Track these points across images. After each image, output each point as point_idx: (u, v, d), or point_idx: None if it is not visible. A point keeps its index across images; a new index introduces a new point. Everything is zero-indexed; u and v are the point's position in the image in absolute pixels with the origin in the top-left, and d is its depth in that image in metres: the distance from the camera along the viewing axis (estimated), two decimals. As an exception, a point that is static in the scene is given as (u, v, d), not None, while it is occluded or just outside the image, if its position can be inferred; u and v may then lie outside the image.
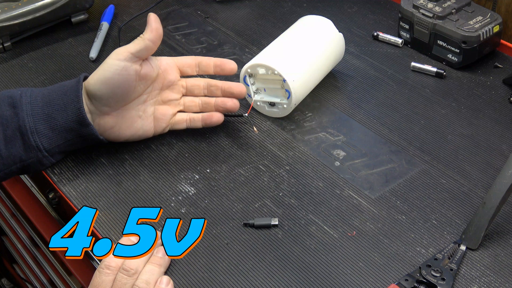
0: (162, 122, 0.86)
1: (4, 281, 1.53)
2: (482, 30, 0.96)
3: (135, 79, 0.80)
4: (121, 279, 0.68)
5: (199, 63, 0.87)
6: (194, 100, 0.87)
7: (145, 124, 0.84)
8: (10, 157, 0.79)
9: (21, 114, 0.78)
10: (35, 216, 1.04)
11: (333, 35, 0.95)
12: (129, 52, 0.79)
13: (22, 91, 0.81)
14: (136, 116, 0.83)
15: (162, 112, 0.85)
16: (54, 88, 0.82)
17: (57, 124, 0.79)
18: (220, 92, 0.87)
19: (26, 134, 0.78)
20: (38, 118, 0.79)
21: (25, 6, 1.05)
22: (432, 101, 0.94)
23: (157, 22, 0.81)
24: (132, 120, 0.83)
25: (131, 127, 0.83)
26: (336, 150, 0.86)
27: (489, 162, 0.84)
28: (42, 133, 0.79)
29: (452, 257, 0.71)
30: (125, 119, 0.82)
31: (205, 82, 0.87)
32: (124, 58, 0.79)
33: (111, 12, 1.14)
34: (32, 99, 0.80)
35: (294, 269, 0.71)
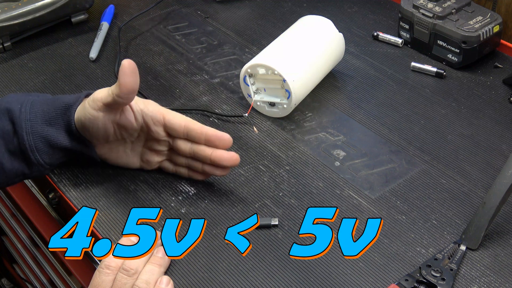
0: (147, 166, 0.83)
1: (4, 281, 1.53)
2: (482, 30, 0.96)
3: (111, 127, 0.76)
4: (121, 279, 0.68)
5: (188, 131, 0.77)
6: (180, 157, 0.80)
7: (131, 161, 0.82)
8: (13, 171, 0.78)
9: (21, 132, 0.76)
10: (35, 216, 1.04)
11: (333, 35, 0.95)
12: (102, 102, 0.73)
13: (22, 104, 0.78)
14: (123, 152, 0.81)
15: (148, 157, 0.81)
16: (54, 104, 0.78)
17: (58, 143, 0.78)
18: (209, 161, 0.78)
19: (26, 151, 0.77)
20: (37, 136, 0.77)
21: (25, 6, 1.05)
22: (432, 101, 0.94)
23: (127, 75, 0.71)
24: (118, 154, 0.81)
25: (117, 159, 0.82)
26: (336, 150, 0.86)
27: (489, 162, 0.84)
28: (43, 151, 0.77)
29: (452, 257, 0.71)
30: (111, 151, 0.81)
31: (191, 148, 0.78)
32: (98, 108, 0.74)
33: (111, 12, 1.14)
34: (32, 115, 0.77)
35: (294, 269, 0.71)
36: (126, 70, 0.71)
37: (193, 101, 0.95)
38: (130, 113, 0.77)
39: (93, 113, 0.74)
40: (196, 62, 1.03)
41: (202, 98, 0.95)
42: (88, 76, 1.00)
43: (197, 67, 1.02)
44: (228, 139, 0.77)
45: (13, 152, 0.77)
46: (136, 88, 0.72)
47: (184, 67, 1.02)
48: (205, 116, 0.93)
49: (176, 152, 0.80)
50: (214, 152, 0.77)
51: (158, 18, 1.15)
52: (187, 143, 0.78)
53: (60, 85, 0.99)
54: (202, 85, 0.98)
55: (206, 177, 0.81)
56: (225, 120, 0.92)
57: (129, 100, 0.73)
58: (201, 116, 0.92)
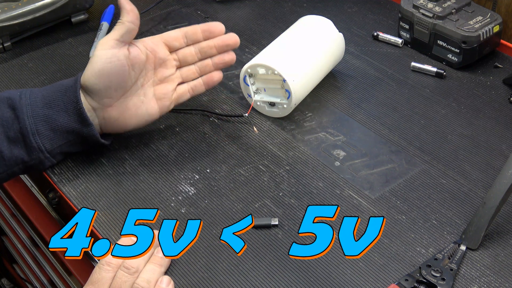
0: (165, 101, 0.85)
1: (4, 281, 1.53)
2: (482, 30, 0.96)
3: (126, 64, 0.80)
4: (121, 277, 0.68)
5: (185, 34, 0.85)
6: (190, 68, 0.87)
7: (149, 107, 0.84)
8: (13, 158, 0.79)
9: (21, 116, 0.78)
10: (35, 216, 1.04)
11: (333, 35, 0.95)
12: (113, 39, 0.80)
13: (21, 92, 0.80)
14: (139, 102, 0.83)
15: (162, 91, 0.85)
16: (53, 88, 0.81)
17: (58, 125, 0.79)
18: (215, 50, 0.85)
19: (27, 135, 0.78)
20: (38, 120, 0.79)
21: (25, 6, 1.05)
22: (432, 101, 0.94)
23: (129, 4, 0.81)
24: (135, 107, 0.83)
25: (136, 114, 0.83)
26: (336, 150, 0.86)
27: (489, 162, 0.84)
28: (44, 134, 0.79)
29: (452, 257, 0.71)
30: (128, 107, 0.82)
31: (196, 46, 0.86)
32: (110, 46, 0.79)
33: (111, 12, 1.13)
34: (32, 100, 0.79)
35: (294, 269, 0.71)
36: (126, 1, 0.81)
37: (193, 101, 0.95)
38: (135, 47, 0.82)
39: (108, 52, 0.79)
40: (196, 62, 1.03)
41: (202, 98, 0.95)
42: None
43: (197, 67, 1.02)
44: (220, 25, 0.85)
45: (12, 138, 0.78)
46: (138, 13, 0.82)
47: (184, 67, 1.02)
48: (205, 116, 0.93)
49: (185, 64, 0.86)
50: (215, 39, 0.85)
51: (158, 18, 1.15)
52: (190, 47, 0.86)
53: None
54: (202, 85, 0.98)
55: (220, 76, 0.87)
56: (225, 120, 0.92)
57: (137, 25, 0.81)
58: (201, 116, 0.92)
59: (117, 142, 0.87)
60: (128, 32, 0.80)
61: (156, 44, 0.85)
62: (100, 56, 0.79)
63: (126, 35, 0.80)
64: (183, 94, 0.87)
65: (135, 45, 0.82)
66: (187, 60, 0.86)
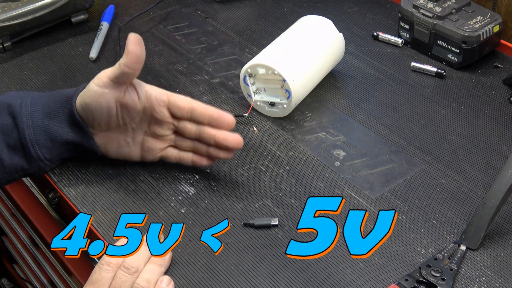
0: (149, 155, 0.82)
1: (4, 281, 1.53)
2: (482, 30, 0.96)
3: (115, 107, 0.76)
4: (121, 277, 0.68)
5: (192, 110, 0.78)
6: (186, 141, 0.81)
7: (132, 151, 0.81)
8: (13, 166, 0.78)
9: (21, 126, 0.77)
10: (35, 216, 1.04)
11: (333, 35, 0.95)
12: (108, 78, 0.74)
13: (22, 99, 0.79)
14: (123, 141, 0.80)
15: (150, 145, 0.81)
16: (54, 97, 0.79)
17: (58, 136, 0.78)
18: (213, 142, 0.78)
19: (27, 145, 0.77)
20: (38, 130, 0.77)
21: (25, 6, 1.05)
22: (432, 101, 0.94)
23: (134, 44, 0.73)
24: (118, 144, 0.80)
25: (117, 150, 0.81)
26: (336, 150, 0.86)
27: (489, 162, 0.84)
28: (43, 145, 0.78)
29: (452, 257, 0.71)
30: (111, 140, 0.80)
31: (197, 129, 0.79)
32: (103, 84, 0.74)
33: (111, 12, 1.14)
34: (32, 109, 0.78)
35: (294, 269, 0.71)
36: (133, 40, 0.73)
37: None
38: (134, 93, 0.77)
39: (98, 90, 0.74)
40: (196, 62, 1.03)
41: (202, 98, 0.95)
42: (88, 76, 1.00)
43: (197, 67, 1.02)
44: (231, 119, 0.77)
45: (13, 147, 0.77)
46: (143, 58, 0.73)
47: (184, 67, 1.02)
48: (205, 116, 0.92)
49: (181, 136, 0.80)
50: (218, 132, 0.78)
51: (158, 18, 1.15)
52: (192, 124, 0.79)
53: (60, 85, 0.99)
54: (202, 85, 0.98)
55: (211, 162, 0.81)
56: (225, 120, 0.92)
57: (136, 71, 0.74)
58: (201, 116, 0.92)
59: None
60: (123, 76, 0.74)
61: (159, 102, 0.78)
62: (90, 90, 0.75)
63: (120, 78, 0.74)
64: (170, 157, 0.82)
65: (135, 91, 0.77)
66: (183, 133, 0.80)
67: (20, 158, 0.78)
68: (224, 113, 0.78)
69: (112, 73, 0.74)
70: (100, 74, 0.75)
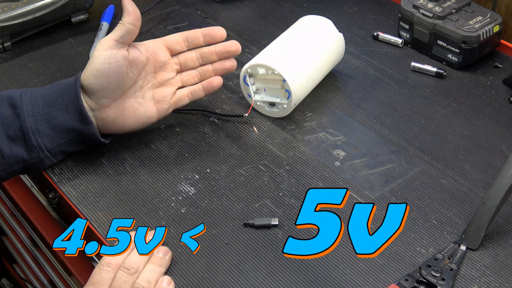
0: (163, 104, 0.85)
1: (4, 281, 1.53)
2: (482, 30, 0.96)
3: (125, 65, 0.80)
4: (121, 277, 0.68)
5: (187, 38, 0.86)
6: (191, 73, 0.87)
7: (147, 109, 0.84)
8: (13, 157, 0.79)
9: (22, 115, 0.78)
10: (35, 216, 1.04)
11: (333, 35, 0.95)
12: (113, 39, 0.80)
13: (22, 91, 0.81)
14: (137, 104, 0.83)
15: (161, 94, 0.85)
16: (54, 87, 0.82)
17: (58, 124, 0.79)
18: (216, 56, 0.86)
19: (28, 134, 0.78)
20: (39, 118, 0.79)
21: (25, 6, 1.05)
22: (432, 101, 0.94)
23: (132, 5, 0.80)
24: (133, 108, 0.83)
25: (134, 115, 0.83)
26: (336, 150, 0.86)
27: (489, 162, 0.84)
28: (44, 133, 0.79)
29: (452, 257, 0.71)
30: (126, 108, 0.83)
31: (198, 51, 0.86)
32: (109, 47, 0.80)
33: (111, 12, 1.14)
34: (32, 99, 0.80)
35: (294, 269, 0.71)
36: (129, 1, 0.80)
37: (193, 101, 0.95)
38: (135, 48, 0.82)
39: (107, 53, 0.79)
40: (196, 62, 1.03)
41: (202, 98, 0.95)
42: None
43: (197, 67, 1.02)
44: (221, 29, 0.85)
45: (13, 137, 0.78)
46: (140, 15, 0.81)
47: (184, 67, 1.02)
48: (205, 116, 0.93)
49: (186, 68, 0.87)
50: (217, 45, 0.86)
51: (158, 18, 1.15)
52: (191, 52, 0.86)
53: (57, 84, 0.99)
54: (202, 85, 0.98)
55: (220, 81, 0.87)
56: (225, 120, 0.92)
57: (138, 28, 0.81)
58: (201, 116, 0.92)
59: (117, 142, 0.87)
60: (128, 34, 0.80)
61: (158, 47, 0.85)
62: (99, 56, 0.79)
63: (125, 36, 0.80)
64: (182, 98, 0.87)
65: (135, 47, 0.83)
66: (188, 65, 0.87)
67: (20, 148, 0.79)
68: (213, 27, 0.86)
69: (116, 35, 0.80)
70: (103, 41, 0.80)
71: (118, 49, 0.80)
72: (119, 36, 0.80)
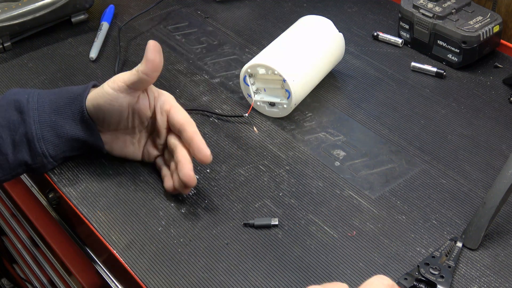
0: (147, 158, 0.83)
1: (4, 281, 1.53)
2: (482, 30, 0.96)
3: (127, 111, 0.78)
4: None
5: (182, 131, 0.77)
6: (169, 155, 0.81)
7: (136, 151, 0.83)
8: (16, 161, 0.78)
9: (28, 121, 0.78)
10: (35, 216, 1.04)
11: (333, 35, 0.95)
12: (124, 83, 0.76)
13: (29, 95, 0.80)
14: (129, 143, 0.82)
15: (149, 150, 0.82)
16: (61, 93, 0.80)
17: (64, 132, 0.79)
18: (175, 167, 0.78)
19: (33, 141, 0.78)
20: (45, 126, 0.78)
21: (25, 6, 1.05)
22: (432, 101, 0.94)
23: (154, 52, 0.74)
24: (124, 144, 0.82)
25: (122, 149, 0.82)
26: (336, 150, 0.86)
27: (489, 162, 0.84)
28: (49, 140, 0.78)
29: (449, 255, 0.71)
30: (118, 141, 0.81)
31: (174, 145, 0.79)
32: (118, 89, 0.76)
33: (111, 12, 1.14)
34: (39, 105, 0.79)
35: (294, 269, 0.71)
36: (152, 48, 0.74)
37: (193, 101, 0.95)
38: (146, 99, 0.78)
39: (113, 93, 0.76)
40: (196, 62, 1.03)
41: (202, 98, 0.95)
42: (88, 76, 1.00)
43: (197, 67, 1.02)
44: (207, 155, 0.75)
45: (18, 142, 0.78)
46: (161, 66, 0.75)
47: (184, 67, 1.02)
48: (205, 116, 0.93)
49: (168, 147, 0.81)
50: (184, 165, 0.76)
51: (158, 18, 1.15)
52: (176, 139, 0.79)
53: (60, 85, 0.99)
54: (202, 85, 0.98)
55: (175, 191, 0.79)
56: (225, 120, 0.92)
57: (153, 79, 0.75)
58: (201, 116, 0.92)
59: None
60: (140, 83, 0.75)
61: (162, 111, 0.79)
62: (104, 93, 0.76)
63: (137, 84, 0.76)
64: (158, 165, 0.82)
65: (147, 97, 0.78)
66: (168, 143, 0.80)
67: (24, 153, 0.78)
68: (204, 146, 0.76)
69: (128, 78, 0.75)
70: (116, 78, 0.76)
71: (127, 94, 0.76)
72: (131, 82, 0.75)
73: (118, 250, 0.74)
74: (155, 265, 0.72)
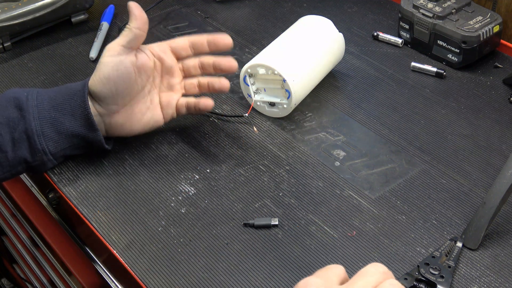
0: (169, 109, 0.85)
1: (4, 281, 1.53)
2: (482, 30, 0.96)
3: (133, 71, 0.80)
4: None
5: (192, 44, 0.85)
6: (192, 82, 0.86)
7: (155, 114, 0.84)
8: (16, 159, 0.78)
9: (28, 117, 0.78)
10: (35, 216, 1.04)
11: (333, 35, 0.95)
12: (120, 45, 0.79)
13: (28, 93, 0.80)
14: (145, 108, 0.83)
15: (167, 99, 0.85)
16: (61, 90, 0.81)
17: (64, 128, 0.79)
18: (212, 69, 0.85)
19: (33, 137, 0.78)
20: (45, 122, 0.78)
21: (25, 6, 1.05)
22: (432, 101, 0.94)
23: (138, 9, 0.80)
24: (141, 113, 0.83)
25: (142, 120, 0.83)
26: (336, 150, 0.86)
27: (489, 162, 0.84)
28: (49, 137, 0.79)
29: (449, 255, 0.71)
30: (134, 113, 0.82)
31: (198, 60, 0.86)
32: (117, 53, 0.79)
33: (111, 12, 1.14)
34: (39, 101, 0.79)
35: (294, 269, 0.71)
36: (135, 6, 0.80)
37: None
38: (143, 53, 0.82)
39: (115, 59, 0.79)
40: (196, 62, 1.03)
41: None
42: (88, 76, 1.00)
43: (197, 67, 1.02)
44: (226, 37, 0.84)
45: (18, 139, 0.78)
46: (147, 19, 0.80)
47: (184, 67, 1.02)
48: (205, 116, 0.93)
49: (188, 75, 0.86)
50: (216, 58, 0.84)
51: (158, 18, 1.15)
52: (195, 59, 0.85)
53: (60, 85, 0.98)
54: (202, 85, 0.98)
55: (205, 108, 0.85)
56: (225, 120, 0.92)
57: (145, 32, 0.80)
58: (201, 116, 0.92)
59: (117, 142, 0.87)
60: (135, 39, 0.79)
61: (164, 51, 0.84)
62: (107, 63, 0.79)
63: (133, 41, 0.79)
64: (181, 107, 0.86)
65: (142, 52, 0.82)
66: (190, 72, 0.86)
67: (24, 150, 0.78)
68: (219, 35, 0.84)
69: (124, 40, 0.79)
70: (110, 46, 0.80)
71: (126, 55, 0.79)
72: (126, 41, 0.79)
73: (118, 250, 0.74)
74: (155, 265, 0.72)
